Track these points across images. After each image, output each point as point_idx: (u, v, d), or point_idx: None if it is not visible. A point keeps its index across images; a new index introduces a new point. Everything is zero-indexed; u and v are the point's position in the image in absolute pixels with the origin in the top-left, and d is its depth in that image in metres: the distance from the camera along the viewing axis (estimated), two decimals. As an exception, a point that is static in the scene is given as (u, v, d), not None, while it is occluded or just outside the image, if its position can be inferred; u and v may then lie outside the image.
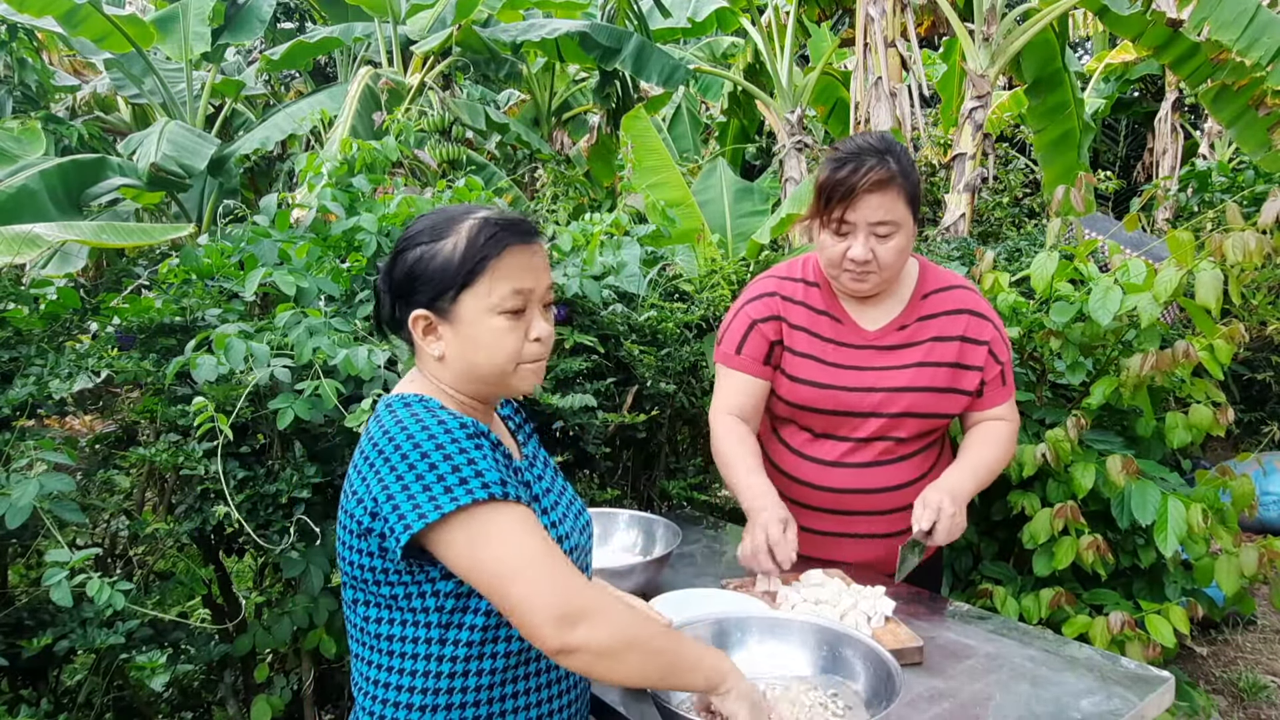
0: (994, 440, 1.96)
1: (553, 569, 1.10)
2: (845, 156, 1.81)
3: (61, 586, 1.63)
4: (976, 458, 1.93)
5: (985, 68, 4.95)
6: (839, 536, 1.98)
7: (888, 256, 1.83)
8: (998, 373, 1.96)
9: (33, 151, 4.73)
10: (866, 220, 1.80)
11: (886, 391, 1.91)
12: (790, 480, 2.00)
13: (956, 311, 1.96)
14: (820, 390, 1.94)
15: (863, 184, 1.77)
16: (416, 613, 1.18)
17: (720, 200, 5.09)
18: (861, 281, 1.88)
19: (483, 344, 1.19)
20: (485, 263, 1.17)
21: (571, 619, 1.07)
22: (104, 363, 2.02)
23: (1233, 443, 5.06)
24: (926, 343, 1.94)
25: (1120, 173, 8.90)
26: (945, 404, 1.94)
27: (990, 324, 1.96)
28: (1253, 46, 4.17)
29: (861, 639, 1.42)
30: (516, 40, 5.53)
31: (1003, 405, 1.99)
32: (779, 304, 2.00)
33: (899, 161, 1.80)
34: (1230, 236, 2.20)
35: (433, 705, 1.19)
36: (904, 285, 1.98)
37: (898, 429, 1.93)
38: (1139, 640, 2.23)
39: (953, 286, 1.99)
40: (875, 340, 1.95)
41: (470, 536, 1.10)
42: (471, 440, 1.14)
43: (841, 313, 1.98)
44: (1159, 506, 2.24)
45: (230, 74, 7.42)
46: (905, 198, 1.81)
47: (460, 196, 2.52)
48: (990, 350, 1.95)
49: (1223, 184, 5.70)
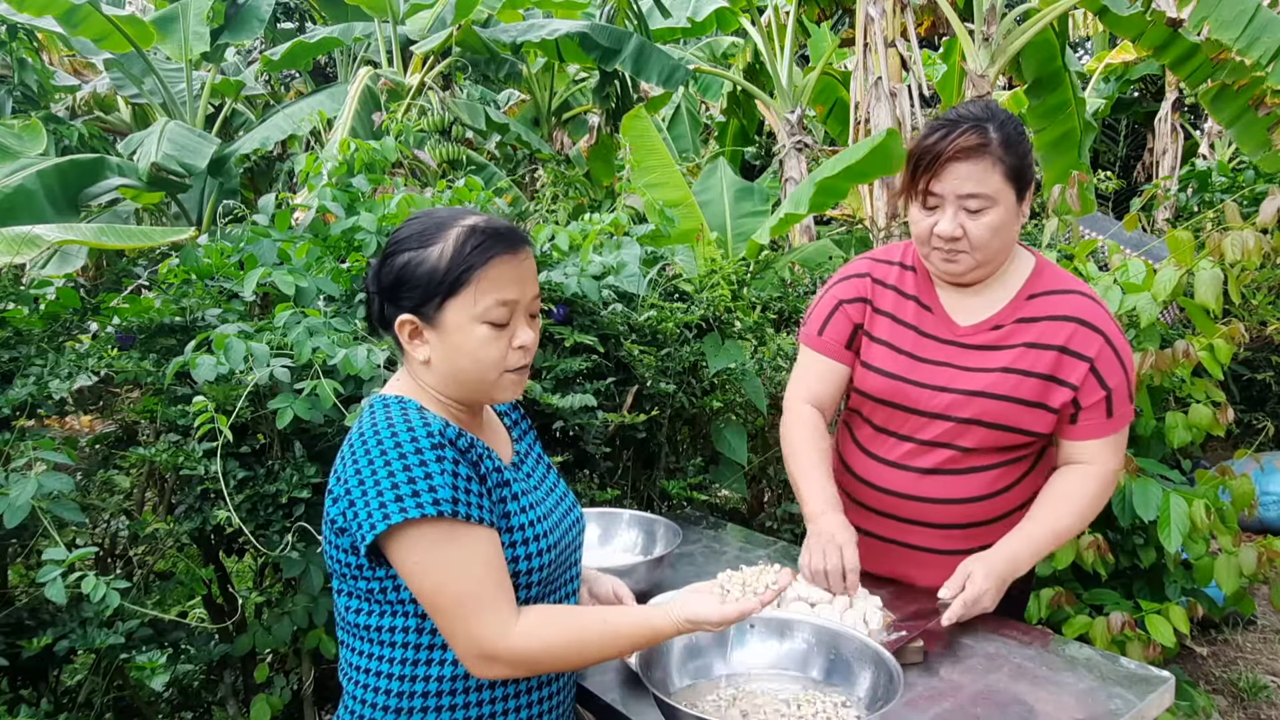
0: (1074, 498, 1.71)
1: (480, 610, 1.14)
2: (940, 123, 1.66)
3: (56, 584, 1.63)
4: (1046, 525, 1.69)
5: (985, 68, 4.95)
6: (890, 543, 1.84)
7: (980, 234, 1.64)
8: (1100, 399, 1.69)
9: (34, 148, 4.72)
10: (955, 192, 1.63)
11: (959, 394, 1.73)
12: (849, 475, 1.90)
13: (1063, 318, 1.71)
14: (887, 380, 1.79)
15: (949, 151, 1.61)
16: (394, 604, 1.21)
17: (720, 200, 5.09)
18: (952, 262, 1.70)
19: (466, 352, 1.20)
20: (470, 273, 1.17)
21: (489, 659, 1.15)
22: (104, 363, 2.02)
23: (1233, 443, 5.05)
24: (1019, 347, 1.72)
25: (1120, 173, 8.89)
26: (1025, 419, 1.71)
27: (1102, 338, 1.69)
28: (1253, 46, 4.17)
29: (861, 639, 1.42)
30: (516, 40, 5.53)
31: (1099, 441, 1.71)
32: (869, 286, 1.86)
33: (1001, 130, 1.63)
34: (1229, 236, 2.20)
35: (409, 692, 1.22)
36: (1010, 280, 1.77)
37: (964, 437, 1.74)
38: (1139, 640, 2.23)
39: (1068, 291, 1.74)
40: (964, 336, 1.76)
41: (415, 556, 1.14)
42: (434, 451, 1.15)
43: (934, 301, 1.80)
44: (1161, 503, 2.24)
45: (230, 74, 7.41)
46: (1003, 170, 1.62)
47: (460, 196, 2.52)
48: (1094, 369, 1.68)
49: (1223, 184, 5.71)
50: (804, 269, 4.23)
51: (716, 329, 2.74)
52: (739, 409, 2.81)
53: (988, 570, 1.62)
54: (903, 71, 5.04)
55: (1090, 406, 1.70)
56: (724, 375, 2.72)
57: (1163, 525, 2.22)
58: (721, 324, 2.77)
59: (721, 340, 2.70)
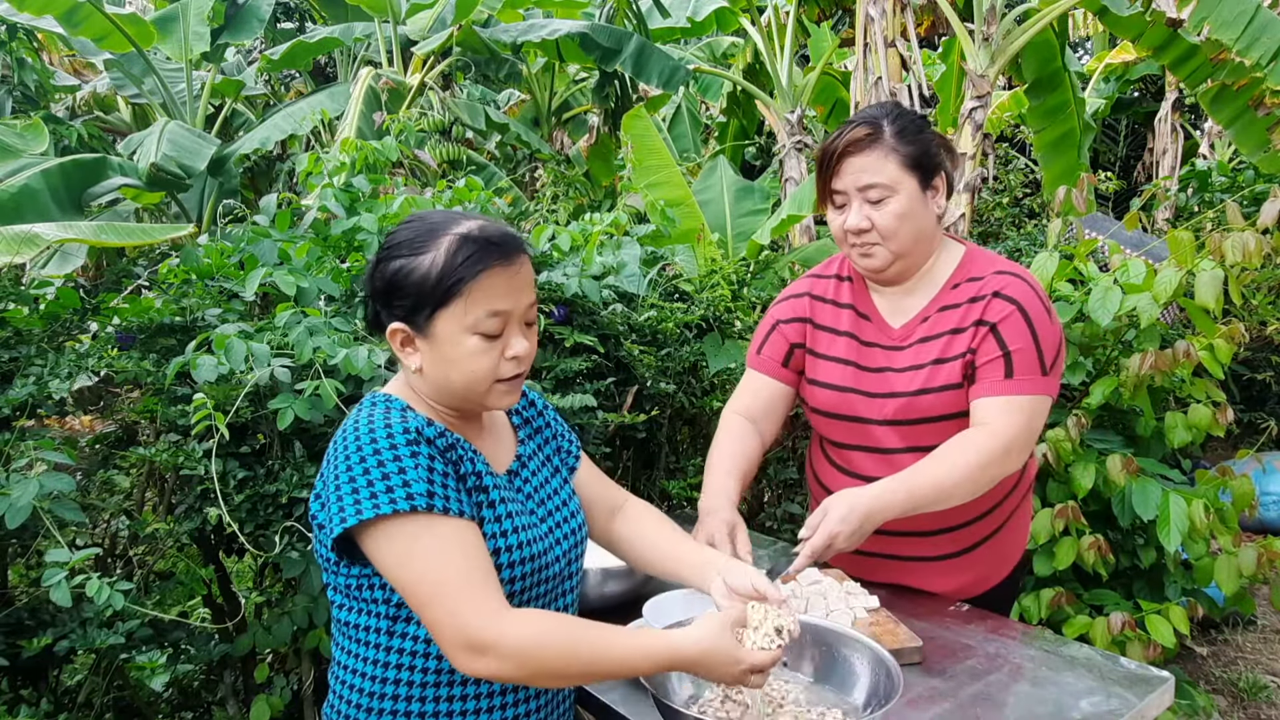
0: (962, 454, 1.61)
1: (464, 598, 1.10)
2: (840, 126, 1.73)
3: (61, 586, 1.63)
4: (927, 474, 1.61)
5: (985, 68, 4.94)
6: (882, 558, 1.82)
7: (886, 222, 1.67)
8: (997, 357, 1.65)
9: (36, 146, 4.71)
10: (854, 185, 1.68)
11: (904, 397, 1.72)
12: (827, 494, 1.80)
13: (981, 297, 1.70)
14: (836, 393, 1.80)
15: (841, 146, 1.68)
16: (367, 604, 1.22)
17: (720, 199, 5.08)
18: (869, 256, 1.72)
19: (456, 363, 1.19)
20: (461, 285, 1.15)
21: (477, 649, 1.09)
22: (104, 363, 2.02)
23: (1233, 443, 5.06)
24: (945, 335, 1.71)
25: (1120, 173, 8.89)
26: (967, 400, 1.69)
27: (1015, 306, 1.66)
28: (1253, 46, 4.17)
29: (861, 639, 1.41)
30: (516, 40, 5.53)
31: (995, 399, 1.64)
32: (808, 305, 1.89)
33: (894, 123, 1.67)
34: (1230, 236, 2.20)
35: (380, 694, 1.22)
36: (938, 273, 1.77)
37: (924, 438, 1.70)
38: (1139, 640, 2.23)
39: (995, 272, 1.72)
40: (900, 339, 1.77)
41: (394, 550, 1.12)
42: (409, 447, 1.14)
43: (870, 308, 1.82)
44: (1160, 502, 2.24)
45: (230, 74, 7.41)
46: (899, 159, 1.65)
47: (460, 196, 2.52)
48: (994, 330, 1.66)
49: (1223, 184, 5.71)
50: (804, 269, 4.22)
51: (716, 329, 2.74)
52: (739, 409, 2.81)
53: (848, 511, 1.52)
54: (903, 71, 5.04)
55: (986, 364, 1.66)
56: (724, 375, 2.72)
57: (1163, 525, 2.22)
58: (721, 324, 2.77)
59: (721, 340, 2.70)
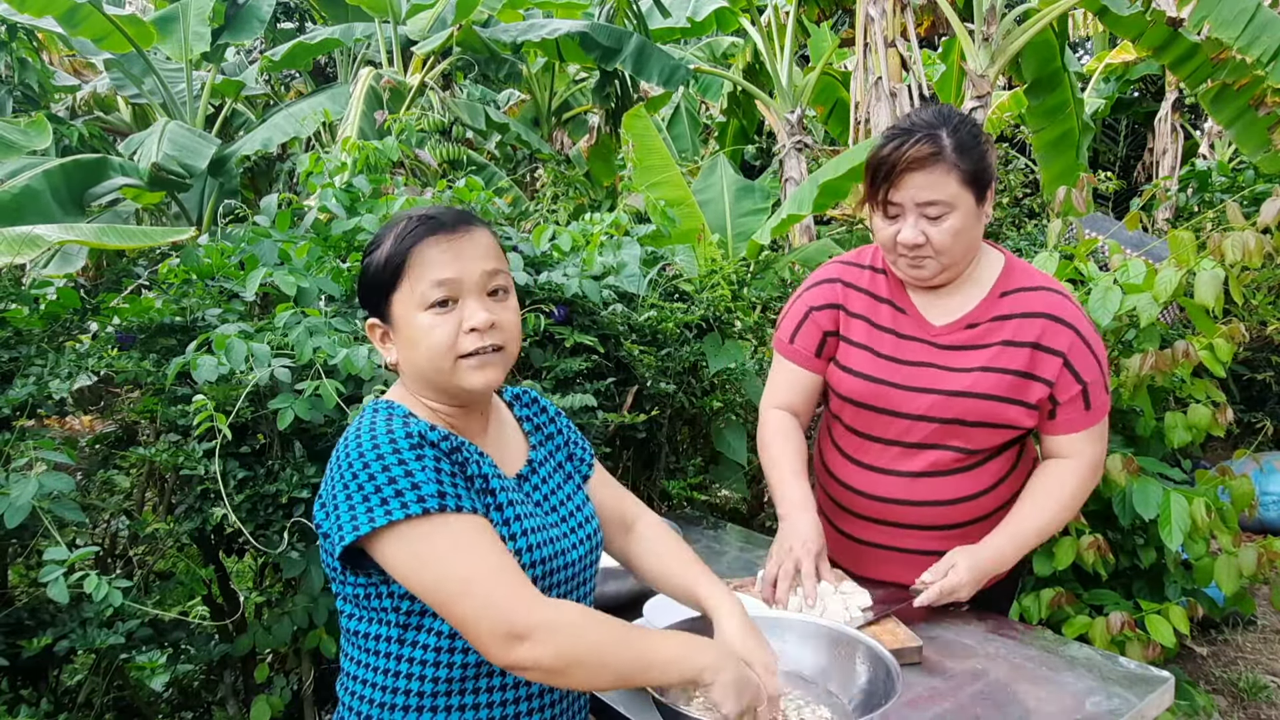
0: (1054, 493, 1.74)
1: (496, 586, 1.08)
2: (894, 132, 1.68)
3: (59, 583, 1.63)
4: (1031, 522, 1.73)
5: (985, 68, 4.94)
6: (884, 549, 1.85)
7: (942, 239, 1.66)
8: (1077, 393, 1.71)
9: (40, 142, 4.71)
10: (913, 200, 1.65)
11: (941, 395, 1.73)
12: (837, 483, 1.90)
13: (1034, 315, 1.73)
14: (869, 384, 1.79)
15: (904, 162, 1.64)
16: (377, 612, 1.19)
17: (721, 199, 5.08)
18: (919, 268, 1.72)
19: (417, 343, 1.17)
20: (404, 262, 1.16)
21: (515, 637, 1.06)
22: (104, 363, 2.02)
23: (1232, 443, 5.05)
24: (996, 345, 1.73)
25: (1120, 173, 8.88)
26: (1008, 415, 1.73)
27: (1072, 332, 1.71)
28: (1253, 45, 4.17)
29: (861, 638, 1.41)
30: (516, 40, 5.54)
31: (1080, 434, 1.74)
32: (840, 291, 1.87)
33: (954, 136, 1.65)
34: (1230, 236, 2.20)
35: (390, 704, 1.19)
36: (981, 279, 1.79)
37: (952, 438, 1.75)
38: (1139, 640, 2.23)
39: (1039, 288, 1.76)
40: (939, 337, 1.78)
41: (411, 553, 1.09)
42: (413, 451, 1.11)
43: (907, 303, 1.82)
44: (1162, 502, 2.24)
45: (230, 74, 7.41)
46: (959, 176, 1.64)
47: (460, 196, 2.53)
48: (1066, 363, 1.70)
49: (1223, 184, 5.70)
50: (804, 269, 4.23)
51: (716, 329, 2.74)
52: (739, 409, 2.81)
53: (972, 564, 1.66)
54: (903, 71, 5.04)
55: (1068, 401, 1.73)
56: (724, 375, 2.72)
57: (1164, 524, 2.22)
58: (721, 324, 2.77)
59: (721, 340, 2.70)
